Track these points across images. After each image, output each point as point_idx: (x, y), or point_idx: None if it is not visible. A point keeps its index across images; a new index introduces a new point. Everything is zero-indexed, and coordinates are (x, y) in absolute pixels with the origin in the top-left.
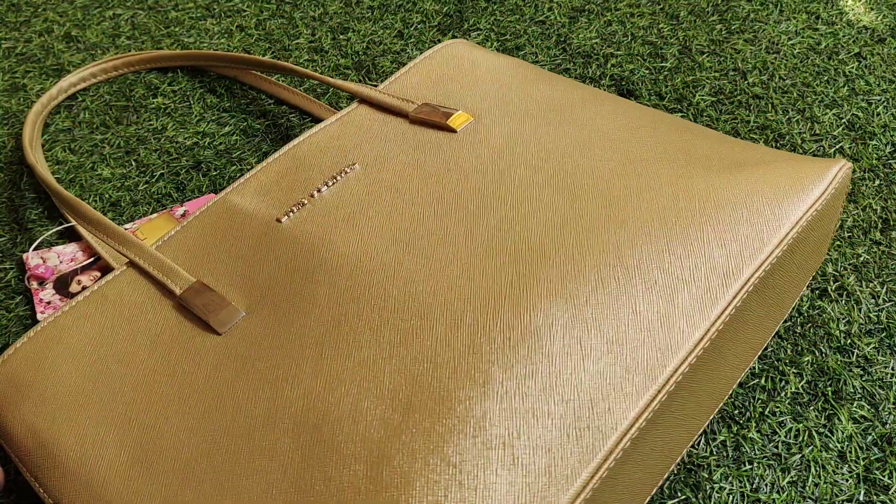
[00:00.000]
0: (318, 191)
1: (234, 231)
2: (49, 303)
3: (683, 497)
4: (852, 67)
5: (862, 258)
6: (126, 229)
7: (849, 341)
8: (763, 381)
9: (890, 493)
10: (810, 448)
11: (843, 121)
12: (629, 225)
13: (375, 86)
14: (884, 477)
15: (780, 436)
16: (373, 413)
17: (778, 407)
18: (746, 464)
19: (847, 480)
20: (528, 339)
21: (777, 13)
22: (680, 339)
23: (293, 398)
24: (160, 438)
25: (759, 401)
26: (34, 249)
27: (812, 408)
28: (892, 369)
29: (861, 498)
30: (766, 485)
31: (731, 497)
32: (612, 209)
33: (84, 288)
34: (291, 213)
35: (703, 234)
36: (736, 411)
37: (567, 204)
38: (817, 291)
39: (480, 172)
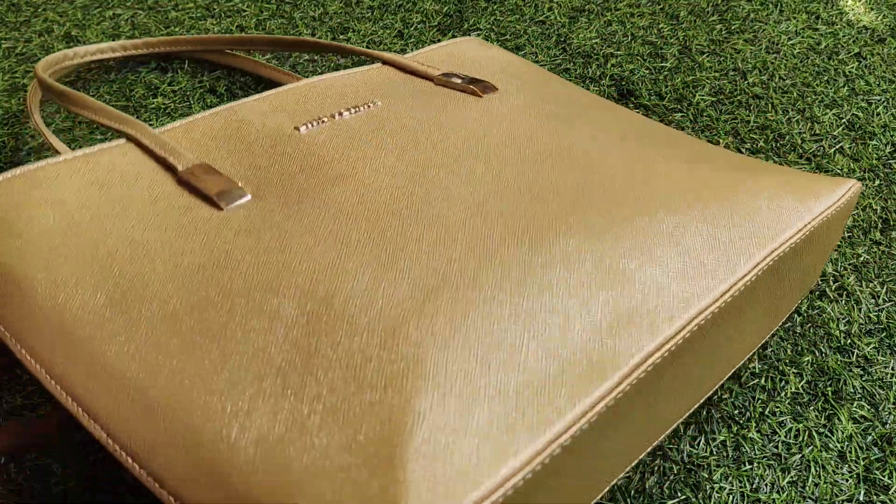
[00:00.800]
0: (340, 114)
1: (248, 131)
2: None
3: (683, 497)
4: (852, 67)
5: (862, 258)
6: None
7: (849, 341)
8: (763, 381)
9: (890, 493)
10: (810, 448)
11: (843, 121)
12: (660, 192)
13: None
14: (884, 477)
15: (780, 436)
16: (391, 294)
17: (778, 407)
18: (746, 464)
19: (847, 480)
20: (557, 260)
21: (777, 13)
22: (705, 288)
23: (300, 271)
24: (144, 287)
25: (759, 401)
26: None
27: (812, 408)
28: (892, 369)
29: (861, 498)
30: (766, 485)
31: (731, 497)
32: (642, 179)
33: None
34: (311, 125)
35: (731, 210)
36: (736, 411)
37: (596, 171)
38: (817, 292)
39: (506, 130)
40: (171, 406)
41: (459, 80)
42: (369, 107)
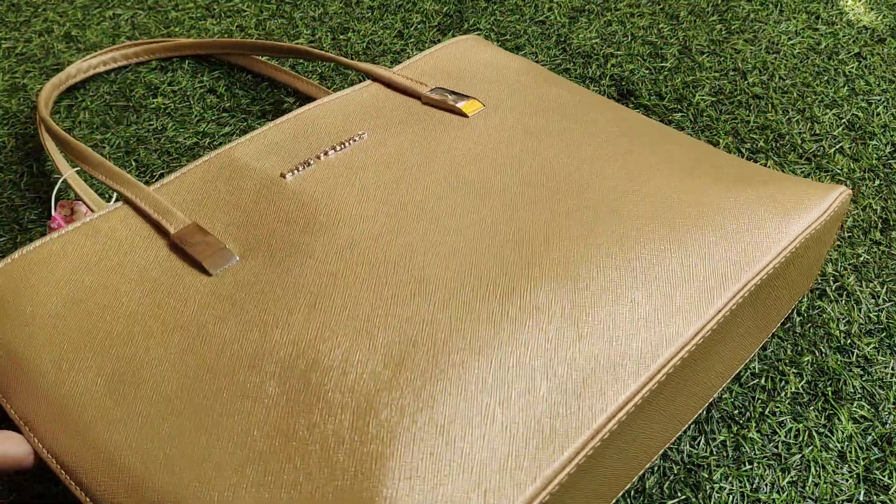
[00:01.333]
0: (325, 153)
1: (236, 182)
2: None
3: (683, 497)
4: (852, 67)
5: (862, 258)
6: None
7: (849, 341)
8: (763, 381)
9: (890, 493)
10: (810, 448)
11: (843, 121)
12: (634, 220)
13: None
14: (884, 477)
15: (780, 436)
16: (364, 366)
17: (778, 407)
18: (746, 464)
19: (847, 480)
20: (526, 314)
21: (777, 13)
22: (674, 333)
23: (282, 343)
24: (139, 370)
25: (759, 401)
26: (57, 200)
27: (812, 408)
28: (892, 369)
29: (861, 498)
30: (766, 485)
31: (731, 497)
32: (619, 203)
33: None
34: (296, 171)
35: (706, 237)
36: (736, 411)
37: (574, 195)
38: (817, 291)
39: (488, 157)
40: (166, 497)
41: (448, 96)
42: (355, 140)
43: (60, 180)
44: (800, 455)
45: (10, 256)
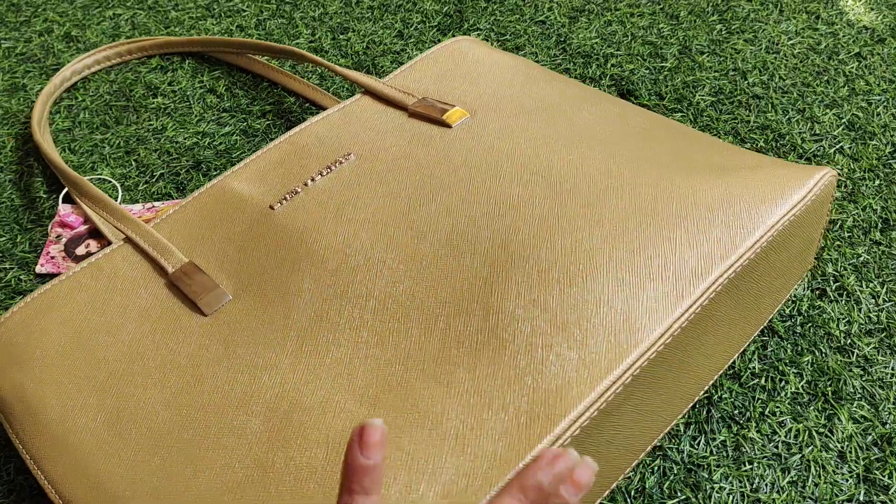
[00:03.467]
0: (313, 179)
1: (230, 214)
2: (53, 258)
3: (683, 497)
4: (852, 67)
5: (862, 258)
6: (156, 207)
7: (849, 341)
8: (763, 381)
9: (890, 493)
10: (810, 448)
11: (843, 121)
12: (605, 224)
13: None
14: (884, 477)
15: (780, 436)
16: (341, 406)
17: (778, 407)
18: (746, 464)
19: (847, 480)
20: (494, 342)
21: (777, 13)
22: (640, 335)
23: (269, 385)
24: (137, 407)
25: (759, 401)
26: (63, 202)
27: (812, 408)
28: (892, 369)
29: (861, 498)
30: (766, 485)
31: (731, 497)
32: (590, 208)
33: (89, 253)
34: (284, 201)
35: (676, 234)
36: (736, 411)
37: (548, 201)
38: (817, 291)
39: (468, 167)
40: None
41: (434, 106)
42: (342, 163)
43: (63, 192)
44: (800, 455)
45: (24, 300)
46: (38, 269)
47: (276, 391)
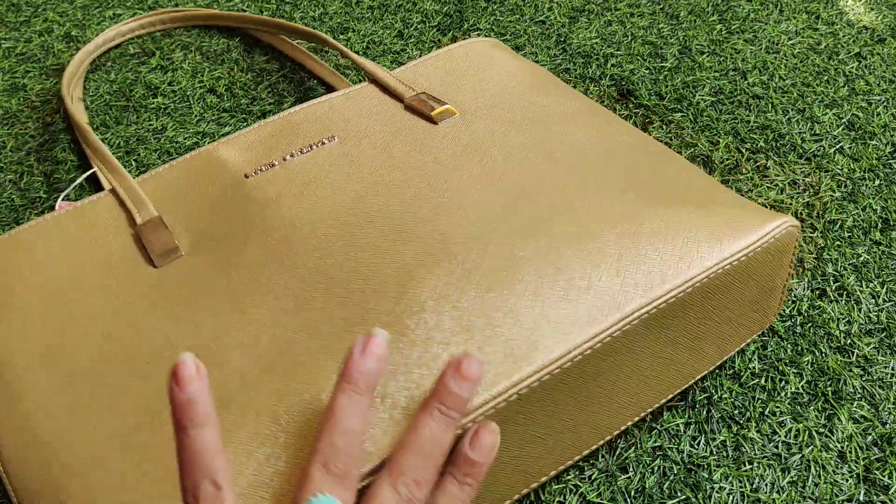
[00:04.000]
0: (292, 156)
1: (210, 178)
2: None
3: (683, 497)
4: (852, 67)
5: (862, 258)
6: None
7: (849, 341)
8: (763, 381)
9: (890, 493)
10: (810, 448)
11: (843, 121)
12: (542, 238)
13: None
14: (884, 477)
15: (780, 436)
16: (236, 366)
17: (778, 407)
18: (746, 464)
19: (847, 480)
20: (397, 326)
21: (777, 13)
22: (538, 353)
23: (186, 338)
24: (70, 348)
25: (759, 401)
26: (64, 199)
27: (812, 408)
28: (892, 369)
29: (861, 498)
30: (766, 485)
31: (731, 497)
32: (536, 221)
33: None
34: (259, 172)
35: (608, 260)
36: (736, 411)
37: (498, 207)
38: (817, 291)
39: (437, 163)
40: (55, 445)
41: (427, 101)
42: (323, 144)
43: (87, 173)
44: (800, 455)
45: (7, 233)
46: None
47: (190, 344)
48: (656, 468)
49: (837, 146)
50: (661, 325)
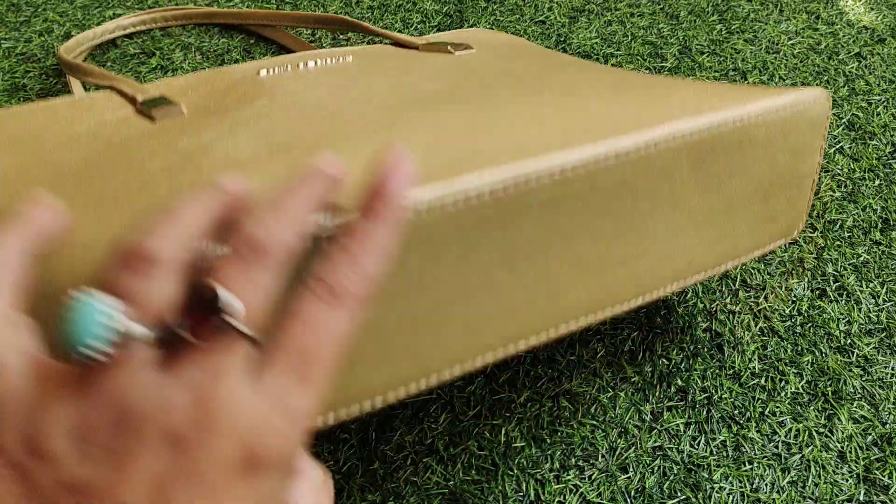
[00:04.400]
0: (306, 65)
1: (219, 78)
2: None
3: (683, 497)
4: (852, 67)
5: (862, 258)
6: None
7: (849, 341)
8: (763, 381)
9: (890, 493)
10: (810, 448)
11: (843, 121)
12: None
13: None
14: (884, 477)
15: (780, 436)
16: (242, 149)
17: (778, 407)
18: (746, 464)
19: (847, 480)
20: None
21: (777, 13)
22: (587, 146)
23: (184, 143)
24: (55, 154)
25: (759, 401)
26: None
27: (812, 408)
28: (892, 369)
29: (861, 498)
30: (766, 485)
31: (731, 497)
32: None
33: None
34: (273, 72)
35: (658, 94)
36: (736, 411)
37: (509, 86)
38: (817, 291)
39: (433, 79)
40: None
41: (444, 43)
42: (338, 60)
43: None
44: (800, 455)
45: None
46: None
47: (194, 146)
48: (656, 468)
49: (837, 146)
50: (698, 160)
